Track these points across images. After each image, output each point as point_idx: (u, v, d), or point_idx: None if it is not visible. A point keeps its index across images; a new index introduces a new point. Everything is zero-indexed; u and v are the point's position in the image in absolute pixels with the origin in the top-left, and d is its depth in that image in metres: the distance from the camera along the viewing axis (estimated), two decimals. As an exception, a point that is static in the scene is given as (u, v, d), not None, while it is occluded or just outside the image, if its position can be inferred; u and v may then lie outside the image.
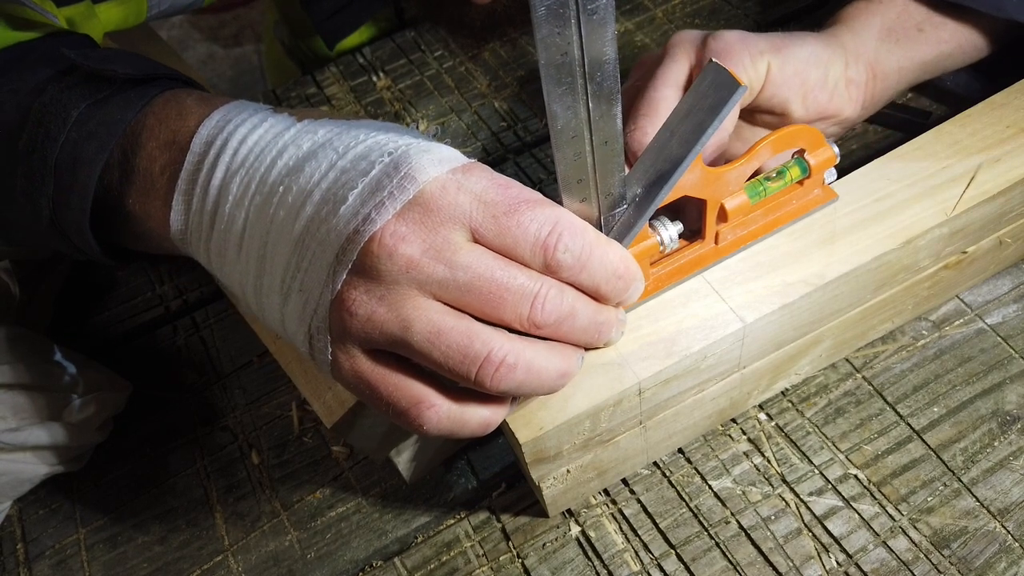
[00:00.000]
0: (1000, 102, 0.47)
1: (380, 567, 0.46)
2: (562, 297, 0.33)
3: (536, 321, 0.33)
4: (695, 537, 0.45)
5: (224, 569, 0.48)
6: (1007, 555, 0.42)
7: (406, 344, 0.32)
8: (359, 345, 0.33)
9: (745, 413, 0.48)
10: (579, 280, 0.34)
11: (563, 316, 0.33)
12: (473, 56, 0.72)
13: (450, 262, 0.31)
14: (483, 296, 0.32)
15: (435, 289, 0.32)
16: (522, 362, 0.32)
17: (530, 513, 0.47)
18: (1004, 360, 0.48)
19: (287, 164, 0.35)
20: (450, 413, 0.33)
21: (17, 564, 0.49)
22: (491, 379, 0.32)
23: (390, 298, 0.32)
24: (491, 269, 0.32)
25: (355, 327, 0.32)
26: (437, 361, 0.32)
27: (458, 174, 0.33)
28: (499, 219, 0.32)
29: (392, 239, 0.31)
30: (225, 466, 0.52)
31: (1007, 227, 0.47)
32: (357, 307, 0.32)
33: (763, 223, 0.43)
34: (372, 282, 0.32)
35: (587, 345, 0.36)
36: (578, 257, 0.33)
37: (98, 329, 0.60)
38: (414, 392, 0.33)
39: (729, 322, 0.40)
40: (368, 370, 0.33)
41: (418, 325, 0.31)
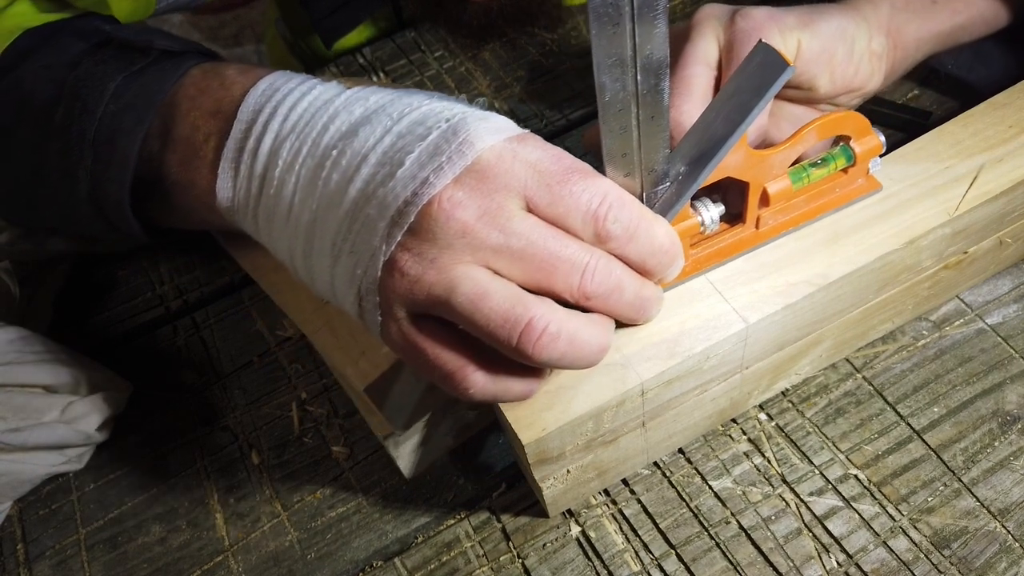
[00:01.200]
0: (1002, 102, 0.47)
1: (380, 567, 0.46)
2: (610, 269, 0.34)
3: (586, 291, 0.33)
4: (695, 537, 0.45)
5: (224, 569, 0.48)
6: (1007, 555, 0.42)
7: (450, 306, 0.32)
8: (406, 307, 0.33)
9: (745, 413, 0.48)
10: (626, 252, 0.34)
11: (611, 288, 0.34)
12: (473, 56, 0.72)
13: (504, 228, 0.32)
14: (535, 264, 0.32)
15: (488, 255, 0.32)
16: (565, 332, 0.32)
17: (530, 513, 0.47)
18: (1004, 360, 0.48)
19: (339, 129, 0.35)
20: (495, 379, 0.34)
21: (17, 564, 0.49)
22: (533, 347, 0.32)
23: (441, 261, 0.32)
24: (545, 237, 0.32)
25: (404, 288, 0.32)
26: (479, 324, 0.32)
27: (513, 143, 0.33)
28: (552, 188, 0.33)
29: (449, 203, 0.32)
30: (225, 466, 0.52)
31: (1008, 227, 0.47)
32: (408, 268, 0.32)
33: (804, 210, 0.43)
34: (425, 244, 0.32)
35: (630, 321, 0.37)
36: (626, 228, 0.34)
37: (98, 329, 0.60)
38: (460, 356, 0.33)
39: (732, 323, 0.40)
40: (415, 333, 0.33)
41: (464, 287, 0.32)
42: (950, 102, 0.60)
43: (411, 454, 0.47)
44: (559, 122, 0.66)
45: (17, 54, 0.41)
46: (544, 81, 0.69)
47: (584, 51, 0.71)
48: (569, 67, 0.70)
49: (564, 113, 0.66)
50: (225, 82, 0.38)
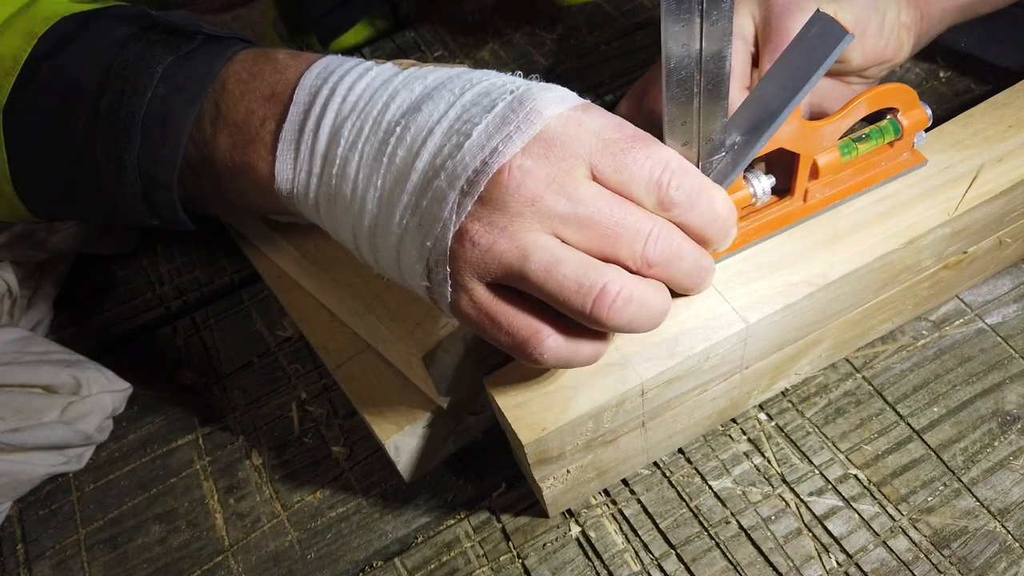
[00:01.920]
0: (1002, 102, 0.47)
1: (380, 567, 0.46)
2: (672, 236, 0.35)
3: (648, 258, 0.34)
4: (695, 537, 0.45)
5: (224, 569, 0.48)
6: (1007, 555, 0.42)
7: (523, 274, 0.33)
8: (478, 277, 0.34)
9: (745, 413, 0.48)
10: (687, 220, 0.35)
11: (673, 255, 0.35)
12: (473, 56, 0.72)
13: (572, 196, 0.33)
14: (601, 231, 0.33)
15: (555, 223, 0.33)
16: (636, 296, 0.33)
17: (530, 513, 0.47)
18: (1004, 360, 0.48)
19: (401, 106, 0.35)
20: (567, 343, 0.34)
21: (17, 565, 0.49)
22: (607, 311, 0.33)
23: (511, 229, 0.33)
24: (610, 205, 0.33)
25: (475, 257, 0.33)
26: (552, 292, 0.33)
27: (578, 111, 0.34)
28: (616, 156, 0.33)
29: (520, 171, 0.32)
30: (225, 466, 0.52)
31: (1008, 227, 0.47)
32: (479, 237, 0.33)
33: (851, 183, 0.43)
34: (496, 213, 0.33)
35: (686, 290, 0.37)
36: (688, 196, 0.34)
37: (98, 329, 0.60)
38: (532, 323, 0.34)
39: (732, 322, 0.40)
40: (488, 302, 0.34)
41: (537, 255, 0.32)
42: (950, 102, 0.60)
43: (412, 458, 0.47)
44: (559, 122, 0.66)
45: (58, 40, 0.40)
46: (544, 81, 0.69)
47: (584, 51, 0.71)
48: (569, 67, 0.70)
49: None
50: (278, 65, 0.39)
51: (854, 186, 0.43)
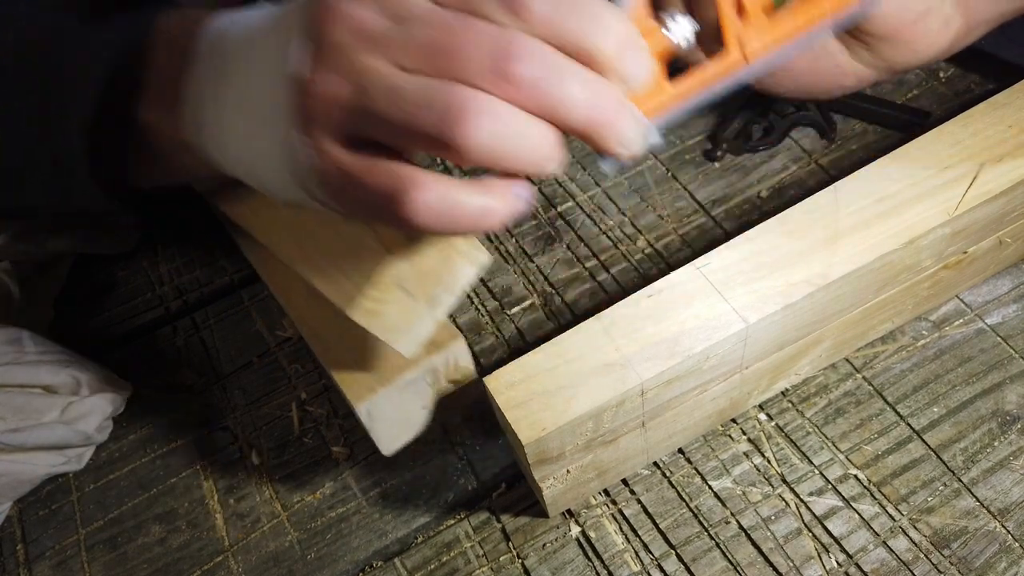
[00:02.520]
0: (1002, 102, 0.47)
1: (380, 567, 0.46)
2: (540, 49, 0.29)
3: (508, 74, 0.28)
4: (695, 537, 0.45)
5: (224, 570, 0.48)
6: (1007, 555, 0.42)
7: (365, 111, 0.29)
8: (328, 134, 0.30)
9: (745, 413, 0.48)
10: (558, 32, 0.29)
11: (546, 72, 0.28)
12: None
13: (402, 17, 0.29)
14: (440, 48, 0.28)
15: (390, 51, 0.29)
16: (493, 109, 0.28)
17: (530, 513, 0.47)
18: (1004, 360, 0.48)
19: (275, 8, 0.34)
20: (443, 193, 0.30)
21: (17, 565, 0.49)
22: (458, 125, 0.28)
23: (344, 66, 0.29)
24: (448, 18, 0.29)
25: (318, 110, 0.30)
26: (397, 119, 0.29)
27: None
28: None
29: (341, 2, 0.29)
30: (225, 466, 0.52)
31: (1008, 227, 0.47)
32: (316, 87, 0.30)
33: (792, 25, 0.35)
34: (327, 54, 0.30)
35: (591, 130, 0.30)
36: (555, 6, 0.29)
37: (98, 329, 0.60)
38: (399, 171, 0.30)
39: (732, 322, 0.40)
40: (346, 158, 0.30)
41: (374, 85, 0.29)
42: (950, 102, 0.60)
43: (388, 428, 0.44)
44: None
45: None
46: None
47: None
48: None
49: None
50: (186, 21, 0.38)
51: (795, 28, 0.35)
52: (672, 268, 0.46)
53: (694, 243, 0.56)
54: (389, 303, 0.37)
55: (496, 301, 0.56)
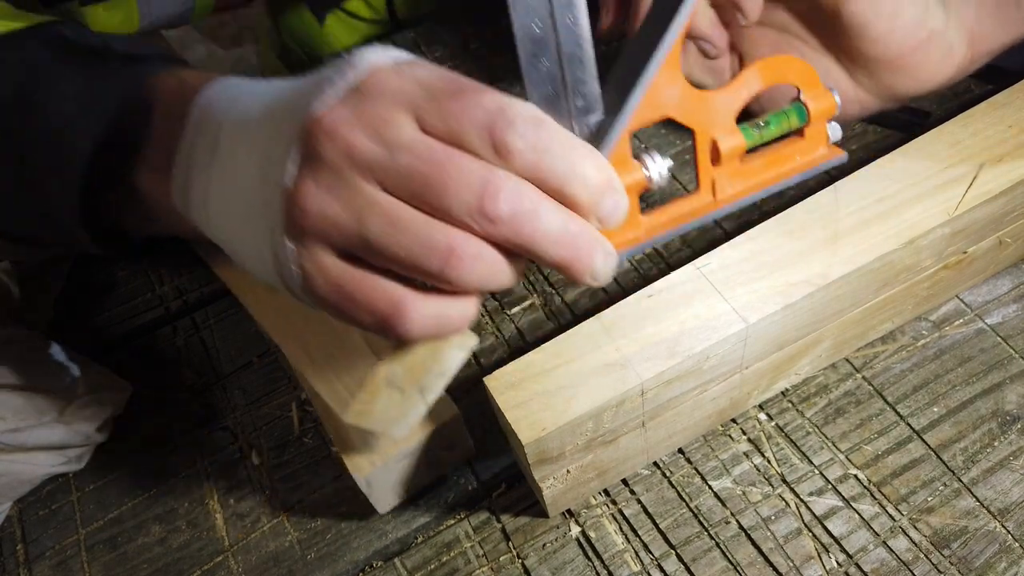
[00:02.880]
0: (1002, 102, 0.47)
1: (380, 567, 0.46)
2: (520, 188, 0.30)
3: (488, 212, 0.29)
4: (695, 537, 0.45)
5: (224, 570, 0.48)
6: (1007, 555, 0.42)
7: (364, 240, 0.30)
8: (320, 248, 0.31)
9: (745, 413, 0.48)
10: (539, 173, 0.30)
11: (523, 211, 0.30)
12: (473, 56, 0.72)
13: (390, 143, 0.30)
14: (426, 181, 0.29)
15: (379, 176, 0.30)
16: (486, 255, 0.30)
17: (530, 513, 0.47)
18: (1004, 360, 0.48)
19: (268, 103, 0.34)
20: (433, 311, 0.31)
21: (17, 565, 0.49)
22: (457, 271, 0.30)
23: (339, 189, 0.30)
24: (432, 150, 0.30)
25: (311, 224, 0.31)
26: (399, 257, 0.30)
27: (402, 63, 0.32)
28: (443, 103, 0.30)
29: (332, 122, 0.30)
30: (225, 466, 0.52)
31: (1008, 227, 0.47)
32: (308, 202, 0.30)
33: (762, 177, 0.38)
34: (318, 171, 0.30)
35: (565, 265, 0.32)
36: (534, 145, 0.30)
37: (98, 329, 0.60)
38: (393, 293, 0.31)
39: (732, 322, 0.40)
40: (339, 274, 0.31)
41: (374, 216, 0.30)
42: (950, 102, 0.60)
43: (385, 492, 0.46)
44: (559, 122, 0.65)
45: None
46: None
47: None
48: (569, 67, 0.70)
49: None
50: (183, 85, 0.38)
51: (767, 179, 0.38)
52: (672, 268, 0.46)
53: (694, 243, 0.56)
54: (379, 401, 0.37)
55: (496, 301, 0.56)
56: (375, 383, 0.37)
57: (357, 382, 0.38)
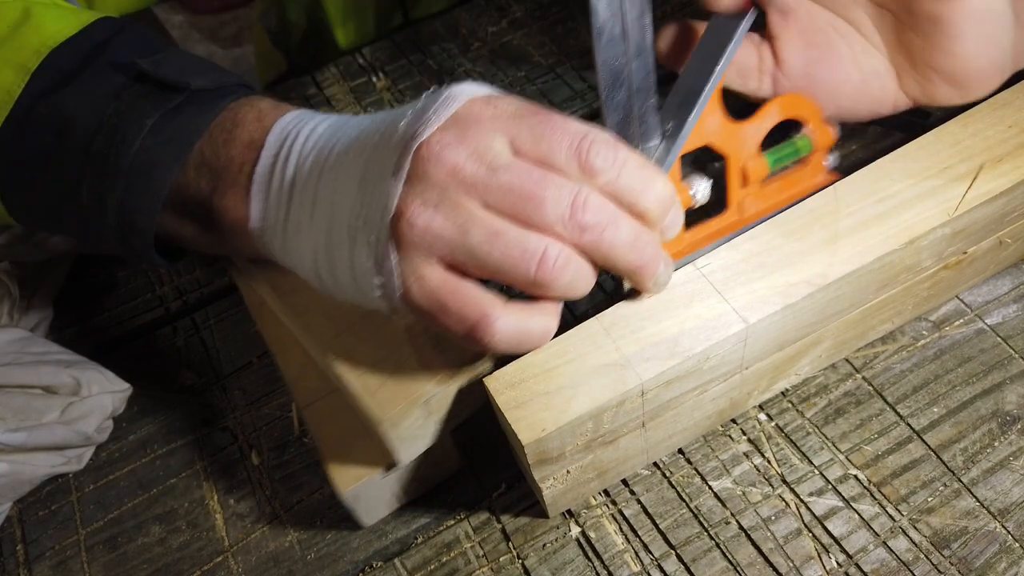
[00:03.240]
0: (1003, 101, 0.47)
1: (380, 567, 0.46)
2: (603, 202, 0.35)
3: (579, 221, 0.34)
4: (695, 538, 0.45)
5: (224, 570, 0.48)
6: (1007, 555, 0.42)
7: (466, 248, 0.34)
8: (423, 259, 0.35)
9: (745, 413, 0.48)
10: (616, 188, 0.35)
11: (606, 221, 0.35)
12: (472, 56, 0.72)
13: (491, 164, 0.34)
14: (525, 195, 0.34)
15: (480, 193, 0.34)
16: (574, 260, 0.35)
17: (530, 514, 0.47)
18: (1004, 360, 0.48)
19: (352, 134, 0.38)
20: (517, 322, 0.35)
21: (17, 565, 0.49)
22: (550, 272, 0.34)
23: (444, 205, 0.34)
24: (529, 170, 0.34)
25: (416, 238, 0.34)
26: (496, 262, 0.34)
27: (493, 97, 0.36)
28: (534, 128, 0.35)
29: (438, 145, 0.34)
30: (225, 467, 0.52)
31: (1008, 227, 0.47)
32: (415, 217, 0.34)
33: (777, 198, 0.45)
34: (425, 190, 0.34)
35: (634, 271, 0.37)
36: (612, 163, 0.35)
37: (98, 329, 0.60)
38: (482, 303, 0.35)
39: (732, 323, 0.40)
40: (437, 284, 0.35)
41: (476, 228, 0.34)
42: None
43: (371, 507, 0.46)
44: (559, 122, 0.65)
45: (53, 80, 0.42)
46: (543, 81, 0.69)
47: (584, 51, 0.71)
48: (568, 67, 0.70)
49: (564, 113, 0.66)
50: (261, 115, 0.41)
51: (779, 202, 0.44)
52: (672, 268, 0.46)
53: (694, 243, 0.56)
54: (410, 417, 0.40)
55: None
56: (415, 398, 0.40)
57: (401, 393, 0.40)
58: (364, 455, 0.44)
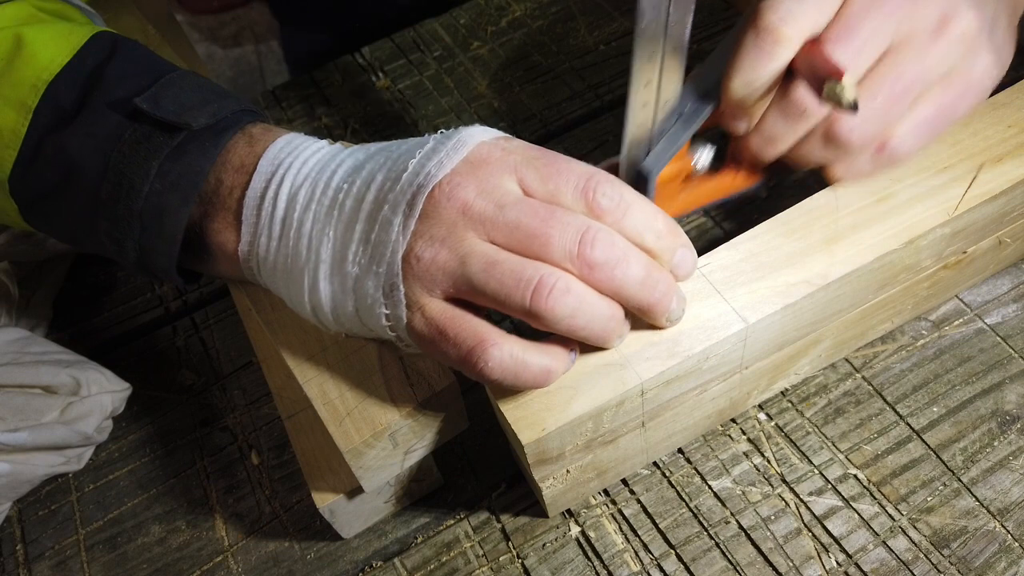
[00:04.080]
0: (1002, 101, 0.47)
1: (380, 567, 0.46)
2: (613, 239, 0.35)
3: (587, 257, 0.35)
4: (695, 537, 0.45)
5: (224, 570, 0.48)
6: (1007, 555, 0.42)
7: (465, 278, 0.35)
8: (427, 292, 0.36)
9: (745, 413, 0.48)
10: (623, 227, 0.36)
11: (616, 258, 0.35)
12: (473, 56, 0.72)
13: (500, 202, 0.35)
14: (532, 232, 0.35)
15: (488, 229, 0.35)
16: (575, 289, 0.35)
17: (530, 513, 0.47)
18: (1003, 360, 0.48)
19: (347, 168, 0.39)
20: (513, 353, 0.36)
21: (17, 565, 0.49)
22: (546, 301, 0.34)
23: (450, 240, 0.35)
24: (537, 207, 0.35)
25: (422, 271, 0.36)
26: (493, 291, 0.35)
27: (502, 140, 0.38)
28: (541, 169, 0.36)
29: (450, 186, 0.36)
30: (225, 467, 0.52)
31: (1008, 227, 0.47)
32: (422, 251, 0.35)
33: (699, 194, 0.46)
34: (434, 226, 0.36)
35: (646, 308, 0.37)
36: (618, 203, 0.36)
37: (98, 329, 0.60)
38: (480, 330, 0.36)
39: (731, 323, 0.40)
40: (437, 315, 0.36)
41: (474, 258, 0.35)
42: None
43: (350, 521, 0.46)
44: (558, 122, 0.66)
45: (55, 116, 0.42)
46: (543, 81, 0.69)
47: (584, 51, 0.71)
48: (568, 67, 0.70)
49: (563, 114, 0.66)
50: (252, 141, 0.41)
51: None
52: (672, 268, 0.46)
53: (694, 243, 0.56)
54: (375, 448, 0.40)
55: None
56: (381, 429, 0.40)
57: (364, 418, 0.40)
58: (343, 470, 0.44)
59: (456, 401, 0.42)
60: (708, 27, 0.70)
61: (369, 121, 0.69)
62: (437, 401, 0.41)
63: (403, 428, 0.40)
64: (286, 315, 0.44)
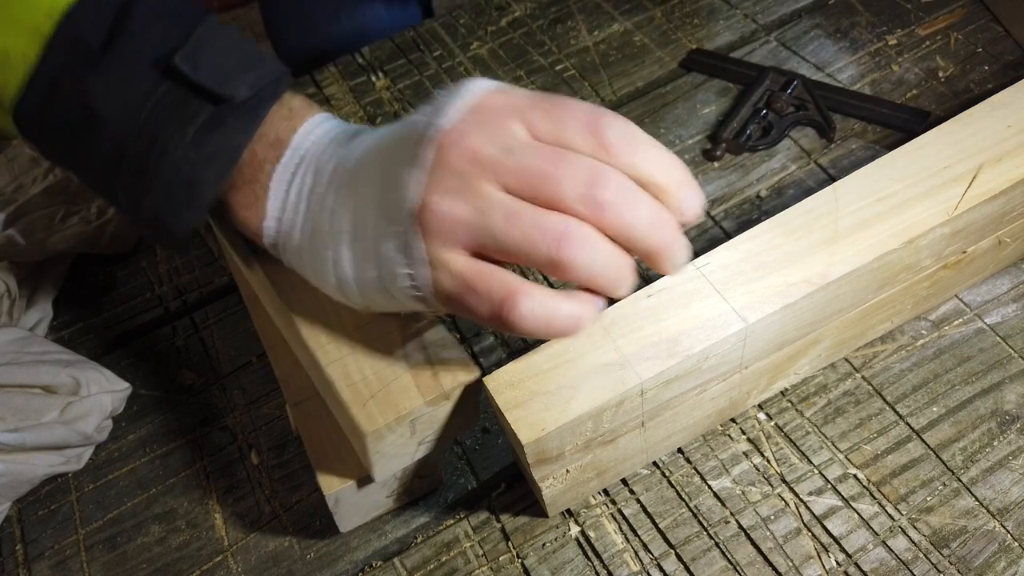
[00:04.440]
0: (1002, 101, 0.47)
1: (380, 567, 0.46)
2: (622, 180, 0.35)
3: (597, 197, 0.34)
4: (695, 537, 0.45)
5: (224, 569, 0.48)
6: (1006, 555, 0.42)
7: (487, 229, 0.34)
8: (448, 245, 0.35)
9: (744, 413, 0.48)
10: (633, 164, 0.35)
11: (626, 198, 0.34)
12: (472, 56, 0.72)
13: (508, 146, 0.35)
14: (544, 174, 0.34)
15: (500, 175, 0.35)
16: (593, 236, 0.34)
17: (530, 513, 0.47)
18: (1003, 360, 0.48)
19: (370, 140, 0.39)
20: (544, 302, 0.35)
21: (16, 565, 0.49)
22: (570, 249, 0.34)
23: (464, 191, 0.35)
24: (547, 150, 0.35)
25: (438, 225, 0.35)
26: (516, 242, 0.34)
27: (506, 87, 0.37)
28: (548, 111, 0.36)
29: (457, 134, 0.35)
30: (225, 466, 0.52)
31: (1007, 227, 0.47)
32: (437, 204, 0.35)
33: None
34: (445, 177, 0.35)
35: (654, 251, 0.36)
36: (629, 141, 0.35)
37: (98, 329, 0.60)
38: (509, 282, 0.35)
39: (731, 322, 0.40)
40: (464, 267, 0.35)
41: (495, 209, 0.34)
42: (950, 102, 0.60)
43: (351, 513, 0.46)
44: (558, 122, 0.65)
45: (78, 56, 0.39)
46: (543, 81, 0.69)
47: (584, 51, 0.71)
48: (569, 67, 0.70)
49: None
50: (291, 113, 0.41)
51: None
52: (671, 268, 0.46)
53: (694, 243, 0.56)
54: (396, 432, 0.40)
55: (496, 301, 0.56)
56: (404, 413, 0.39)
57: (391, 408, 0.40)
58: (351, 458, 0.44)
59: (474, 396, 0.41)
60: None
61: (369, 121, 0.69)
62: (461, 393, 0.41)
63: (425, 416, 0.40)
64: (307, 296, 0.43)
